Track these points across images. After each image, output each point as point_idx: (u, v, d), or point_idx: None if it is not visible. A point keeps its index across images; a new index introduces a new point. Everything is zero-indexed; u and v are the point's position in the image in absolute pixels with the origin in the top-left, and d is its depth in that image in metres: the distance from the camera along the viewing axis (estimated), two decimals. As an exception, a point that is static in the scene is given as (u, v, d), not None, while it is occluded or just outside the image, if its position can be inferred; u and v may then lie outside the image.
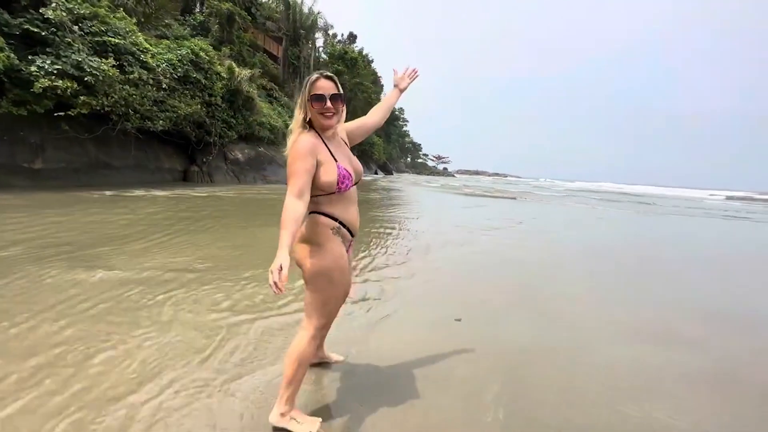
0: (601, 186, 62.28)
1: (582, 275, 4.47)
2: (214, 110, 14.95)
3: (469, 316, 2.93)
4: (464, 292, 3.57)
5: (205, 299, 2.90)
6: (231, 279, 3.41)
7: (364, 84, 31.96)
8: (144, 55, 11.34)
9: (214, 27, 21.84)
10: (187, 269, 3.61)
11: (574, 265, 4.95)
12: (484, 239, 6.36)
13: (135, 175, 12.62)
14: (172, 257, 3.98)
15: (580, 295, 3.66)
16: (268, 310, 2.78)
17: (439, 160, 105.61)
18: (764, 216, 16.15)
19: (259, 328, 2.48)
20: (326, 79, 1.48)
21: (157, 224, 5.77)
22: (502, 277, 4.21)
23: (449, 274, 4.15)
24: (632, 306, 3.45)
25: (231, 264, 3.89)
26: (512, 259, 5.08)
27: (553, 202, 17.04)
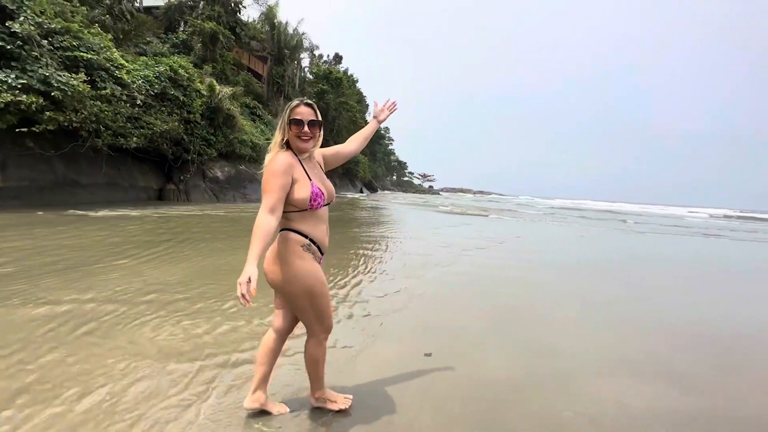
0: (582, 203, 63.48)
1: (563, 297, 4.31)
2: (193, 127, 14.65)
3: (444, 348, 2.68)
4: (443, 319, 3.33)
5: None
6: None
7: (349, 103, 32.26)
8: (119, 71, 11.07)
9: (196, 45, 21.79)
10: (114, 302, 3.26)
11: (555, 287, 4.79)
12: (466, 259, 6.17)
13: (105, 193, 12.09)
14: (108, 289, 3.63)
15: (561, 320, 3.47)
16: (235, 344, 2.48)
17: (424, 178, 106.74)
18: (747, 234, 16.58)
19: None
20: (306, 106, 1.58)
21: (105, 250, 5.38)
22: (483, 300, 4.00)
23: (429, 300, 3.89)
24: (616, 331, 3.27)
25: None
26: (494, 280, 4.89)
27: (535, 221, 17.15)
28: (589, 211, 32.62)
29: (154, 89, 12.33)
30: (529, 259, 6.63)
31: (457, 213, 19.53)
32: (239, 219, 10.56)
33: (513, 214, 20.57)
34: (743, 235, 15.40)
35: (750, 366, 2.78)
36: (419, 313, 3.48)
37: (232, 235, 7.44)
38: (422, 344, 2.72)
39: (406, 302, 3.73)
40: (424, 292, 4.14)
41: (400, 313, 3.42)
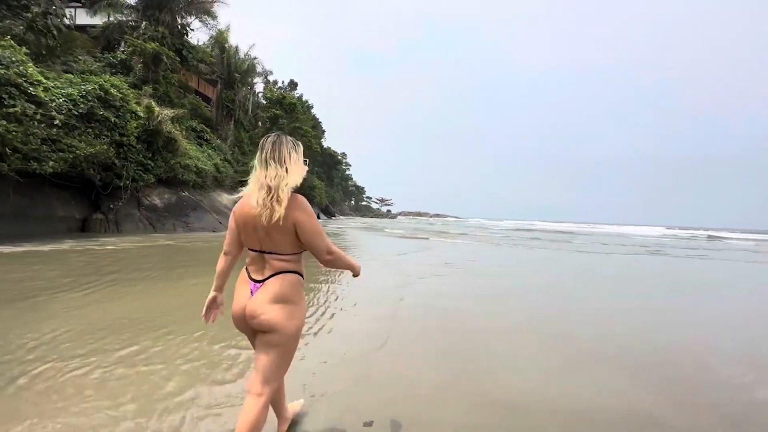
0: (532, 224, 67.06)
1: (522, 331, 4.02)
2: (126, 151, 13.38)
3: (388, 416, 2.21)
4: (390, 373, 2.83)
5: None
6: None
7: (304, 128, 31.83)
8: (33, 87, 9.84)
9: (137, 66, 20.51)
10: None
11: (512, 317, 4.52)
12: (420, 288, 5.80)
13: (14, 226, 10.41)
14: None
15: (521, 362, 3.14)
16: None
17: (382, 203, 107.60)
18: (689, 251, 17.95)
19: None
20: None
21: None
22: (437, 342, 3.57)
23: (375, 348, 3.33)
24: (581, 376, 2.97)
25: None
26: (448, 313, 4.53)
27: (487, 243, 17.44)
28: (539, 231, 34.34)
29: (79, 109, 11.10)
30: (481, 286, 6.41)
31: (417, 237, 19.43)
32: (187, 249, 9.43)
33: (469, 237, 20.88)
34: (686, 252, 16.69)
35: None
36: (364, 366, 2.96)
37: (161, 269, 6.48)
38: (364, 411, 2.22)
39: (351, 354, 3.18)
40: (375, 335, 3.64)
41: (345, 366, 2.87)
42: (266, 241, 1.52)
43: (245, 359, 2.81)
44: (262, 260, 1.55)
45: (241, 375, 2.56)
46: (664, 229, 61.96)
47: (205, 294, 1.73)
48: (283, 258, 1.53)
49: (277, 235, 1.49)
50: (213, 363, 2.74)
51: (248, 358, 2.82)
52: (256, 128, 31.13)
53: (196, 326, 3.44)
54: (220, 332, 3.32)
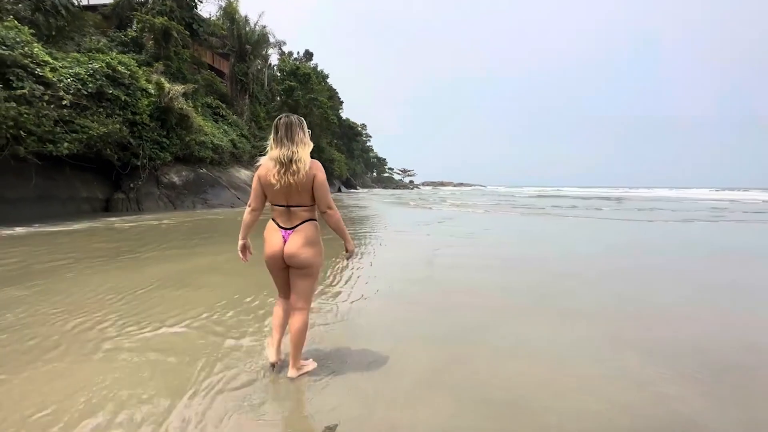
0: (564, 190, 63.75)
1: (538, 312, 3.58)
2: (141, 130, 13.40)
3: (358, 410, 1.89)
4: (362, 357, 2.54)
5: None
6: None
7: (319, 99, 31.11)
8: (41, 68, 9.79)
9: (148, 43, 20.29)
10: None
11: (526, 295, 4.07)
12: (438, 275, 5.41)
13: (38, 208, 10.76)
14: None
15: (529, 349, 2.74)
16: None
17: (404, 174, 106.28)
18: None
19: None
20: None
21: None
22: (433, 322, 3.22)
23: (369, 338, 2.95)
24: (606, 367, 2.55)
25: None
26: (455, 288, 4.13)
27: (527, 214, 16.62)
28: (574, 198, 32.51)
29: (88, 88, 11.04)
30: (501, 258, 5.93)
31: (422, 208, 18.88)
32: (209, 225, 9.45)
33: (495, 207, 20.07)
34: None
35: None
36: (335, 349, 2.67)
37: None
38: (326, 406, 1.90)
39: (349, 347, 2.89)
40: (376, 324, 3.32)
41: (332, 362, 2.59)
42: (293, 197, 1.93)
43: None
44: (288, 213, 1.97)
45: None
46: (708, 191, 57.32)
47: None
48: (306, 209, 1.97)
49: (302, 192, 1.91)
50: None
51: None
52: (273, 102, 30.70)
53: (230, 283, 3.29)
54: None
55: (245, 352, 2.46)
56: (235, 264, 4.92)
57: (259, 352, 2.43)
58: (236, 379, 2.11)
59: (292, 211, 1.96)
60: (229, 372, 2.19)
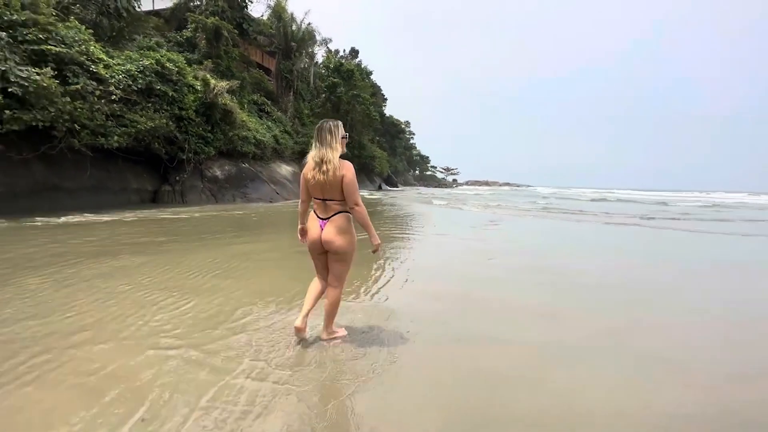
0: (646, 194, 48.93)
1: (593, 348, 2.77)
2: (187, 125, 13.86)
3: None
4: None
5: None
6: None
7: (362, 96, 30.92)
8: (95, 65, 10.31)
9: (201, 43, 21.20)
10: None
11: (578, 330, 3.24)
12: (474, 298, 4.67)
13: (93, 198, 11.44)
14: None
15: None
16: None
17: (448, 172, 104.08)
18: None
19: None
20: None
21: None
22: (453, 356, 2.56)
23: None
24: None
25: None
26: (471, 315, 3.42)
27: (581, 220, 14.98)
28: (636, 203, 28.89)
29: (138, 84, 11.53)
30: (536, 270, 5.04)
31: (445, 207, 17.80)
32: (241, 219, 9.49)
33: (547, 211, 18.53)
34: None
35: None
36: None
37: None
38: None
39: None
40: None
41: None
42: (327, 192, 2.25)
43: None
44: (324, 205, 2.30)
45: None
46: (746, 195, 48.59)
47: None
48: (338, 203, 2.28)
49: (334, 188, 2.23)
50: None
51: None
52: (317, 98, 31.03)
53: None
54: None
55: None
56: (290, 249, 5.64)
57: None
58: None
59: (327, 204, 2.28)
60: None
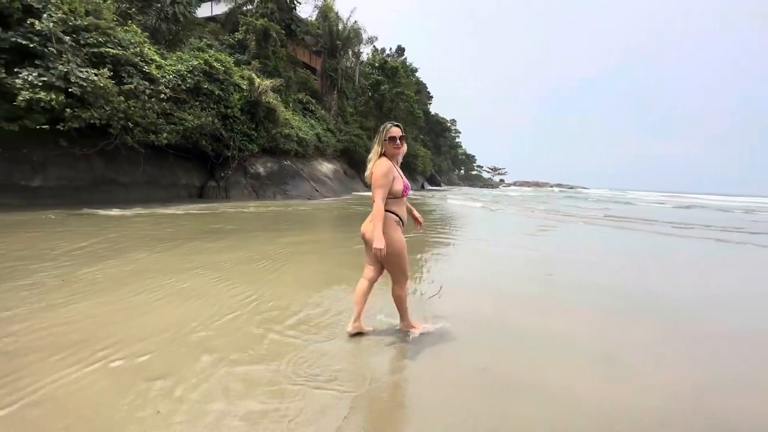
0: (725, 200, 40.07)
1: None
2: (232, 123, 14.30)
3: None
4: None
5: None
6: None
7: (406, 93, 30.45)
8: (148, 66, 10.86)
9: (251, 44, 21.97)
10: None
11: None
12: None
13: (145, 192, 12.14)
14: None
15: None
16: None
17: (495, 172, 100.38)
18: None
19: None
20: (396, 127, 2.40)
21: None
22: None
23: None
24: None
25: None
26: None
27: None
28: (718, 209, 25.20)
29: (187, 83, 12.02)
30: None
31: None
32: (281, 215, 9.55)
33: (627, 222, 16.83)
34: None
35: None
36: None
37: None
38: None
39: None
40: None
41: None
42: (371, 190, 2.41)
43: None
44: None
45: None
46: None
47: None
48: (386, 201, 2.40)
49: (371, 186, 2.38)
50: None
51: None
52: (361, 96, 31.08)
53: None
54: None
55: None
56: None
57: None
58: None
59: (372, 202, 2.34)
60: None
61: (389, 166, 2.33)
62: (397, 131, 2.37)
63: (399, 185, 2.36)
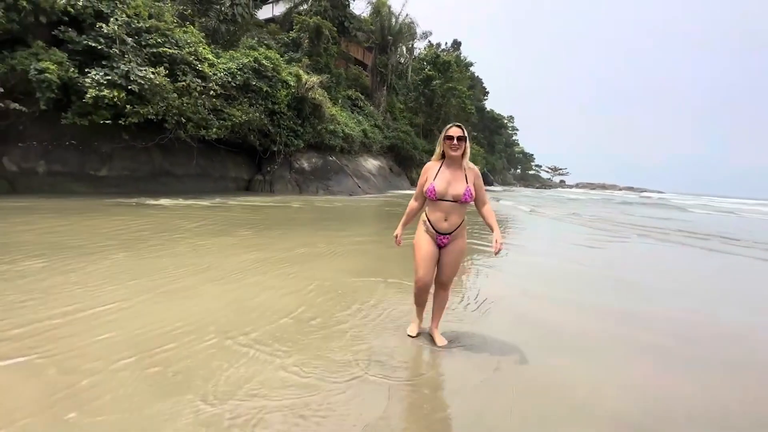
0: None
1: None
2: (279, 118, 14.70)
3: None
4: None
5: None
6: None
7: (458, 88, 29.36)
8: (201, 64, 11.45)
9: (304, 42, 22.52)
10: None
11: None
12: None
13: (196, 183, 12.92)
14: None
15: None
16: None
17: (555, 172, 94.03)
18: None
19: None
20: (456, 127, 2.35)
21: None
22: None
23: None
24: None
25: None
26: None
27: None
28: None
29: (236, 81, 12.52)
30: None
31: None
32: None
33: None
34: None
35: None
36: None
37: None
38: None
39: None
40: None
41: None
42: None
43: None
44: None
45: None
46: None
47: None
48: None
49: None
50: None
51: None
52: (413, 92, 30.56)
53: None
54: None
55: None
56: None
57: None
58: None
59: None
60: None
61: (427, 167, 2.41)
62: (457, 131, 2.31)
63: (426, 186, 2.35)
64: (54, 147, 9.89)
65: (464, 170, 2.34)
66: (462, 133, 2.30)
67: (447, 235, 2.35)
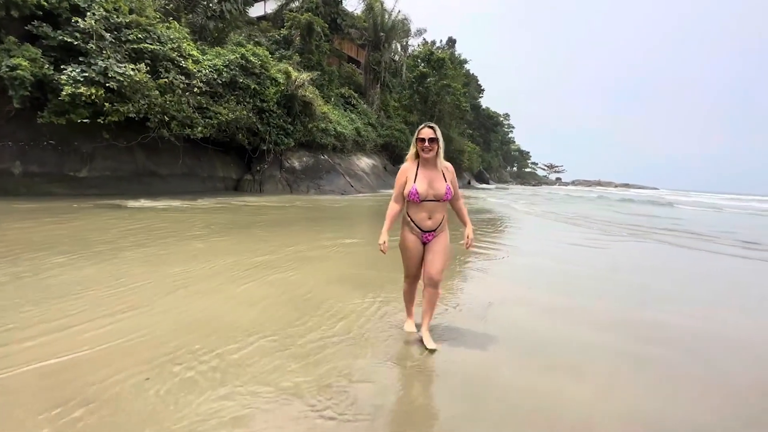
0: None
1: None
2: (268, 116, 14.36)
3: None
4: None
5: None
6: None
7: (452, 86, 29.09)
8: (185, 60, 11.10)
9: (295, 39, 22.15)
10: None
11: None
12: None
13: (183, 183, 12.57)
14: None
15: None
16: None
17: (551, 169, 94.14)
18: None
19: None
20: (428, 128, 2.32)
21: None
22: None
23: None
24: None
25: None
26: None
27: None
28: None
29: (223, 78, 12.18)
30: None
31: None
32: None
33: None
34: None
35: None
36: None
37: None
38: None
39: None
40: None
41: None
42: None
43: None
44: None
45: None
46: None
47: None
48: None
49: None
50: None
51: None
52: (407, 90, 30.27)
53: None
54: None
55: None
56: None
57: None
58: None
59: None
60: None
61: (404, 168, 2.39)
62: (428, 132, 2.29)
63: (407, 189, 2.33)
64: (31, 147, 9.52)
65: (440, 169, 2.36)
66: (434, 135, 2.29)
67: (432, 232, 2.39)
